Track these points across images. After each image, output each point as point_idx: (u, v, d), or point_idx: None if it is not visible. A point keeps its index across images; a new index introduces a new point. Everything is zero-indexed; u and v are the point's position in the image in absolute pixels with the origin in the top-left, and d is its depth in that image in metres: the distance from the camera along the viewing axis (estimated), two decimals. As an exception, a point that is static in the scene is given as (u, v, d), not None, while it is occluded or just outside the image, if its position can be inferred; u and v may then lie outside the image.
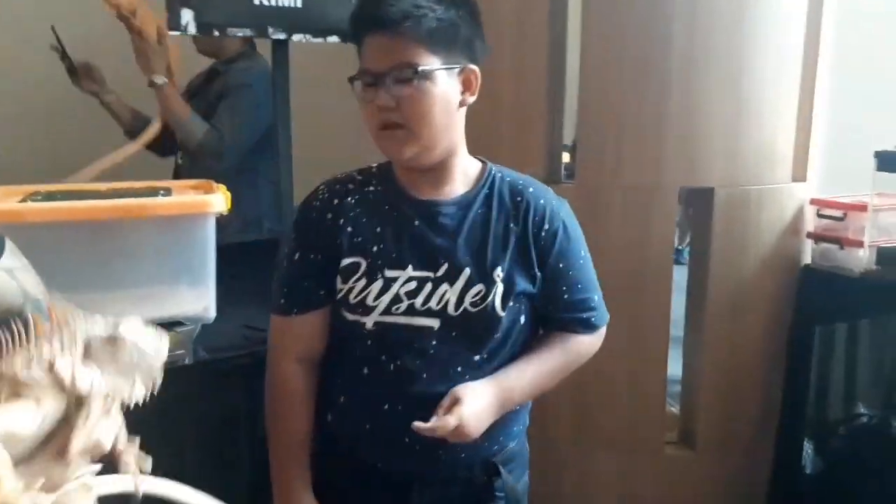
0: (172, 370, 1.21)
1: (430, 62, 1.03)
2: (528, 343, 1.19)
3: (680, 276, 1.94)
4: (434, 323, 1.10)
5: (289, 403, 1.17)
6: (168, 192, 1.46)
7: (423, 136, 1.05)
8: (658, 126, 1.82)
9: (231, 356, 1.31)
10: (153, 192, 1.44)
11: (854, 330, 2.21)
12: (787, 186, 1.98)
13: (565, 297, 1.18)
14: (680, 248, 3.44)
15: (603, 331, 1.28)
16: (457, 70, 1.07)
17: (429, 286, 1.10)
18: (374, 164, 1.19)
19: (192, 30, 1.27)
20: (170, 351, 1.28)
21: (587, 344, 1.26)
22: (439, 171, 1.12)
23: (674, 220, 1.89)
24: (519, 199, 1.15)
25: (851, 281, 1.94)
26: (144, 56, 1.91)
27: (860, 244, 1.93)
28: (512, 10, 1.98)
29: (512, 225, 1.13)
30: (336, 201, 1.15)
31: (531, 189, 1.17)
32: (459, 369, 1.11)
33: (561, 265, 1.16)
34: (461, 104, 1.10)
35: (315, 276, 1.14)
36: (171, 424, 1.23)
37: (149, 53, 1.90)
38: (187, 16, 1.26)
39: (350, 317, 1.12)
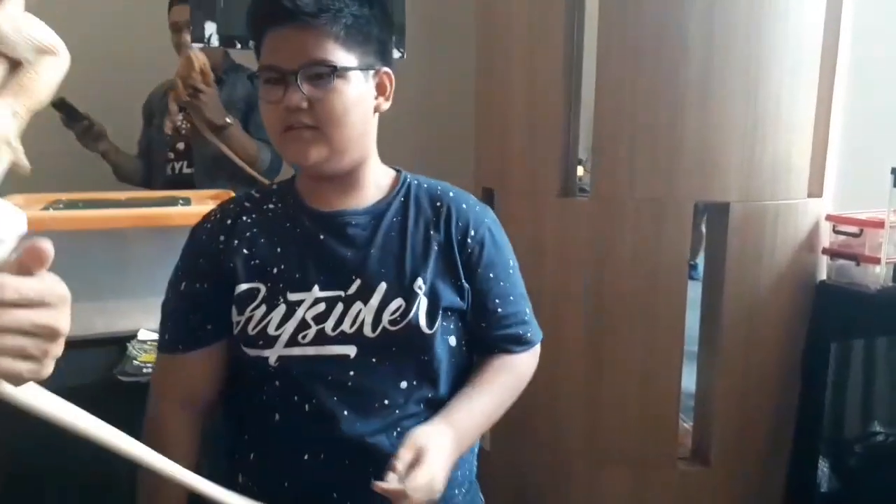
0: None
1: (346, 61, 0.93)
2: (462, 371, 1.04)
3: (693, 291, 1.94)
4: (349, 350, 0.96)
5: (165, 448, 0.95)
6: (188, 201, 1.48)
7: (335, 139, 0.95)
8: (673, 140, 1.82)
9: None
10: (173, 202, 1.46)
11: (870, 347, 2.20)
12: (803, 202, 1.97)
13: (498, 310, 1.05)
14: (693, 262, 3.43)
15: (538, 349, 1.13)
16: (371, 72, 0.98)
17: (339, 307, 0.96)
18: (275, 183, 1.10)
19: (214, 42, 1.29)
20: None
21: (526, 364, 1.11)
22: (348, 179, 1.01)
23: (689, 234, 1.88)
24: (439, 204, 1.04)
25: (868, 297, 1.92)
26: (208, 105, 1.91)
27: (877, 261, 1.92)
28: (527, 24, 2.00)
29: (433, 232, 1.02)
30: (229, 222, 1.02)
31: (451, 194, 1.07)
32: (386, 402, 0.97)
33: (491, 275, 1.04)
34: (376, 109, 1.01)
35: (203, 307, 1.00)
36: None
37: (212, 102, 1.91)
38: (210, 28, 1.29)
39: (251, 353, 0.97)
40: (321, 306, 0.96)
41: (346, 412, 0.95)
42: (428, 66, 2.44)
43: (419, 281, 0.98)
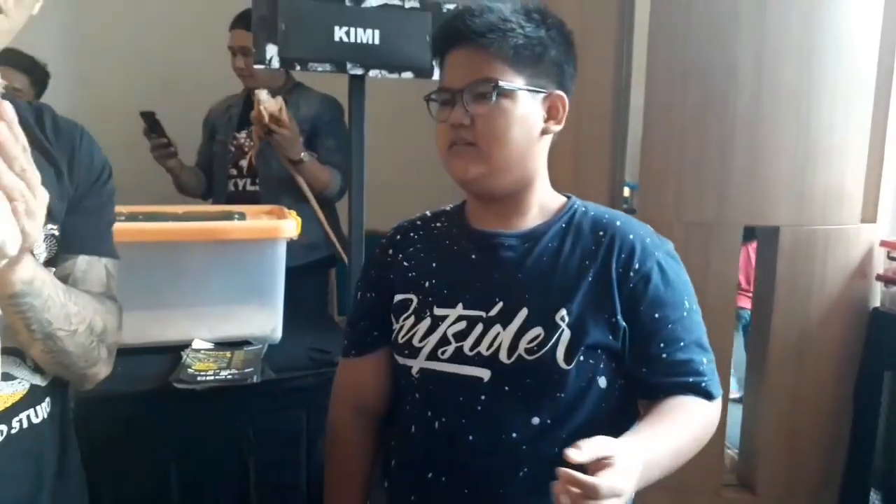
0: (242, 387, 1.27)
1: (512, 80, 0.93)
2: (615, 419, 0.95)
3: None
4: (483, 373, 0.93)
5: (341, 450, 1.08)
6: (242, 216, 1.52)
7: (494, 156, 0.93)
8: (722, 164, 1.81)
9: (296, 376, 1.34)
10: (229, 216, 1.50)
11: (926, 377, 2.13)
12: (856, 227, 1.93)
13: (663, 355, 0.94)
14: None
15: (719, 404, 0.98)
16: (542, 94, 0.96)
17: (479, 328, 0.94)
18: (451, 205, 1.10)
19: (275, 64, 1.34)
20: (239, 369, 1.33)
21: (709, 415, 0.96)
22: (511, 202, 0.99)
23: (737, 257, 1.86)
24: (602, 232, 0.97)
25: (924, 326, 1.87)
26: (283, 144, 2.00)
27: (933, 289, 1.87)
28: (576, 45, 2.01)
29: (588, 262, 0.95)
30: (399, 237, 1.08)
31: (618, 223, 0.99)
32: (514, 435, 0.92)
33: (657, 315, 0.94)
34: (544, 132, 0.98)
35: (370, 315, 1.06)
36: (235, 440, 1.28)
37: (287, 140, 1.99)
38: (272, 51, 1.33)
39: (400, 361, 1.01)
40: (462, 324, 0.95)
41: (471, 437, 0.93)
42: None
43: (562, 312, 0.93)
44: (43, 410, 0.87)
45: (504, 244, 0.98)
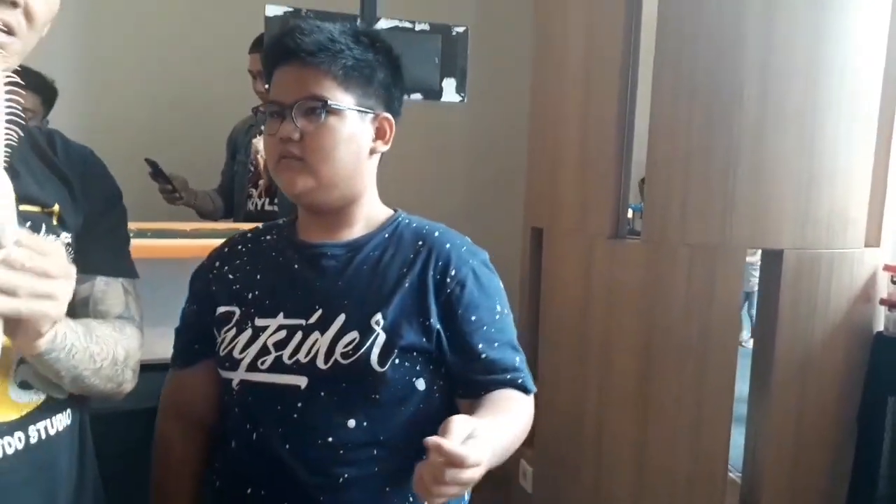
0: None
1: (341, 100, 0.96)
2: (433, 420, 0.90)
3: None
4: (300, 381, 0.95)
5: (163, 465, 1.07)
6: (250, 234, 1.53)
7: (321, 172, 0.97)
8: (726, 186, 1.82)
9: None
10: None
11: (930, 402, 2.12)
12: (860, 251, 1.94)
13: (482, 356, 0.99)
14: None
15: (531, 401, 1.03)
16: (370, 115, 1.00)
17: (298, 335, 0.96)
18: (283, 219, 1.13)
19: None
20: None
21: (528, 410, 1.01)
22: (337, 215, 1.03)
23: (741, 280, 1.87)
24: (421, 242, 1.02)
25: (927, 351, 1.87)
26: None
27: (937, 314, 1.87)
28: (581, 66, 2.04)
29: (406, 270, 0.99)
30: (227, 250, 1.10)
31: (436, 234, 1.04)
32: (331, 440, 0.94)
33: (473, 318, 0.99)
34: (372, 151, 1.02)
35: (192, 327, 1.08)
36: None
37: None
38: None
39: (222, 374, 1.02)
40: (282, 333, 0.97)
41: (287, 446, 0.95)
42: (481, 106, 2.49)
43: (378, 316, 0.96)
44: (60, 422, 0.88)
45: (327, 254, 1.01)
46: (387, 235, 1.04)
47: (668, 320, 1.87)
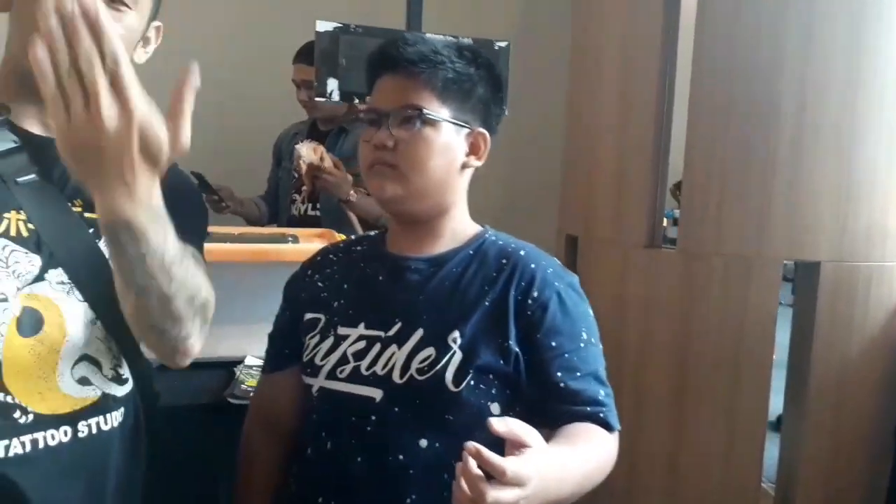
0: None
1: (438, 111, 0.97)
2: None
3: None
4: (376, 393, 0.94)
5: (247, 465, 1.09)
6: (296, 239, 1.58)
7: (412, 181, 0.96)
8: (763, 197, 1.83)
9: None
10: (283, 239, 1.57)
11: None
12: (898, 265, 1.93)
13: (561, 384, 0.93)
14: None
15: (616, 437, 0.96)
16: (466, 130, 1.00)
17: (377, 347, 0.96)
18: (378, 230, 1.13)
19: (335, 97, 1.41)
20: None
21: (611, 445, 0.95)
22: (425, 228, 1.02)
23: (777, 292, 1.87)
24: (505, 261, 0.99)
25: (967, 366, 1.85)
26: (333, 187, 2.07)
27: (978, 329, 1.85)
28: (618, 78, 2.06)
29: (487, 288, 0.97)
30: (319, 258, 1.11)
31: (523, 252, 1.01)
32: (401, 458, 0.92)
33: (553, 343, 0.95)
34: (464, 166, 1.01)
35: (284, 333, 1.09)
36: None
37: (333, 183, 2.07)
38: (332, 84, 1.40)
39: (305, 380, 1.02)
40: (362, 343, 0.97)
41: (359, 459, 0.93)
42: (518, 115, 2.52)
43: (455, 334, 0.94)
44: (114, 419, 0.89)
45: (411, 267, 1.00)
46: (471, 252, 1.02)
47: (703, 331, 1.88)
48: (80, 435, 0.85)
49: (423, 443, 0.92)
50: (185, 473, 1.28)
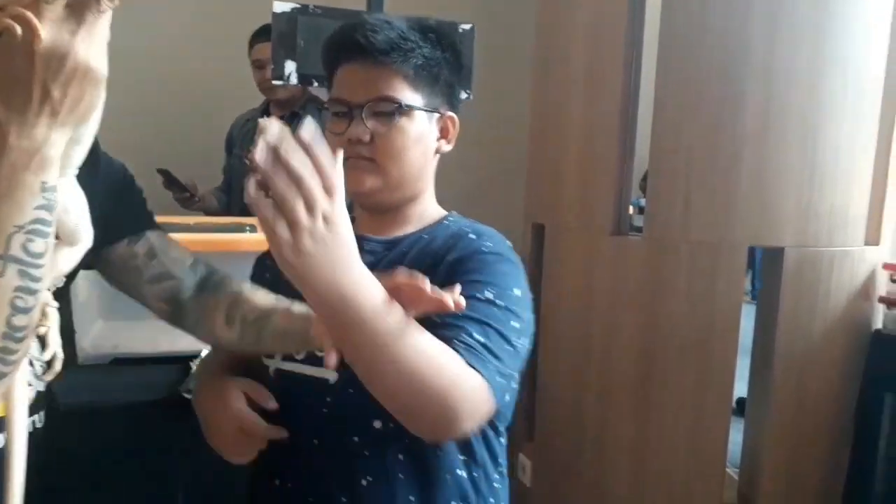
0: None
1: (411, 100, 0.94)
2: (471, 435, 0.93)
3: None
4: (331, 375, 0.92)
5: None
6: (253, 228, 1.53)
7: (391, 174, 0.95)
8: (728, 184, 1.83)
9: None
10: (240, 228, 1.52)
11: (927, 400, 2.14)
12: (860, 249, 1.95)
13: (447, 318, 0.83)
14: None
15: (485, 389, 0.79)
16: (437, 115, 0.99)
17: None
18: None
19: (293, 80, 1.36)
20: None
21: (474, 380, 0.79)
22: (393, 213, 1.01)
23: (743, 278, 1.88)
24: (453, 240, 0.97)
25: (925, 349, 1.89)
26: None
27: (935, 312, 1.89)
28: (584, 64, 2.04)
29: (433, 267, 0.93)
30: None
31: (473, 235, 0.98)
32: (356, 439, 0.91)
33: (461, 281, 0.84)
34: (436, 150, 1.01)
35: None
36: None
37: None
38: (290, 67, 1.35)
39: (264, 362, 1.00)
40: None
41: (315, 441, 0.93)
42: (481, 102, 2.49)
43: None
44: (39, 420, 0.84)
45: (365, 248, 0.96)
46: (426, 235, 1.00)
47: (670, 317, 1.88)
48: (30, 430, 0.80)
49: (377, 424, 0.91)
50: (141, 468, 1.24)
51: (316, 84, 1.40)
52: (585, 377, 2.02)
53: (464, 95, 1.53)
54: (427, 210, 1.04)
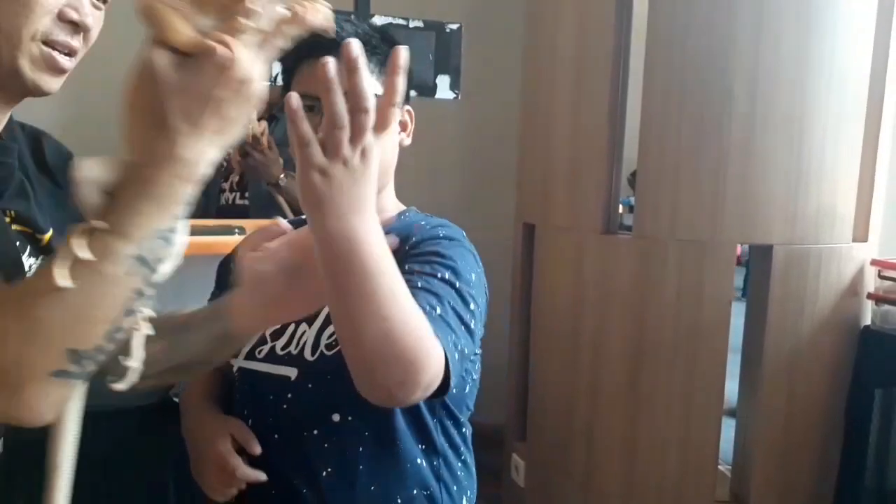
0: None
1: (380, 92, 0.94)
2: (428, 420, 0.95)
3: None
4: (291, 372, 0.95)
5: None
6: (242, 230, 1.53)
7: None
8: (716, 183, 1.84)
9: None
10: (229, 231, 1.52)
11: (916, 395, 2.16)
12: (848, 246, 1.96)
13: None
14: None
15: (441, 361, 0.76)
16: (399, 109, 0.96)
17: (292, 327, 0.96)
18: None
19: (280, 81, 1.35)
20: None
21: (437, 347, 0.77)
22: None
23: (732, 276, 1.89)
24: (408, 233, 0.96)
25: (914, 344, 1.90)
26: (262, 167, 2.01)
27: (923, 308, 1.90)
28: (571, 64, 2.05)
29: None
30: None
31: (424, 223, 0.99)
32: (315, 432, 0.93)
33: (416, 258, 0.89)
34: (399, 144, 1.02)
35: None
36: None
37: (264, 164, 2.00)
38: (277, 68, 1.35)
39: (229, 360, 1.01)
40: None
41: (276, 436, 0.95)
42: (472, 102, 2.50)
43: None
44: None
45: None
46: (385, 229, 0.99)
47: (659, 315, 1.89)
48: None
49: (336, 417, 0.93)
50: (133, 473, 1.24)
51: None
52: (576, 376, 2.03)
53: (451, 95, 1.54)
54: (387, 205, 1.04)
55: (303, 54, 0.98)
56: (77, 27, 0.74)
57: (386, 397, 0.81)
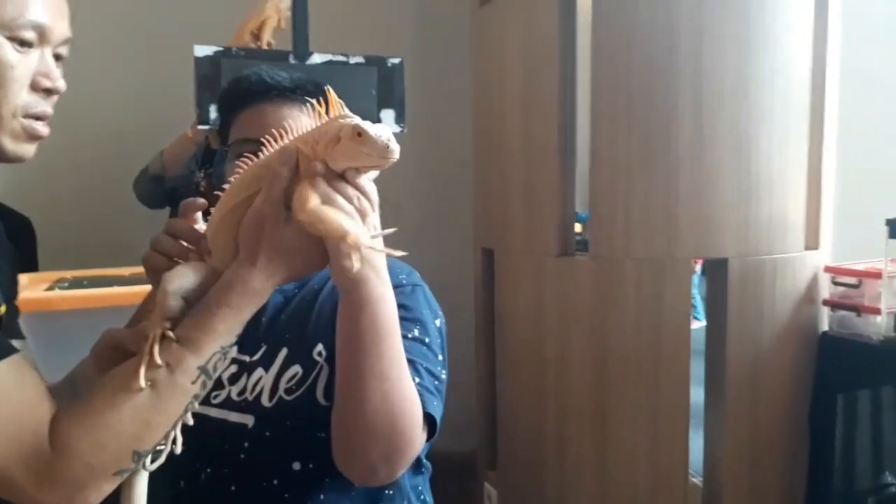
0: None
1: None
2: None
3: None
4: (248, 420, 0.91)
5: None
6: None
7: None
8: (668, 199, 1.85)
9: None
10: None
11: (877, 397, 2.19)
12: (801, 255, 1.99)
13: None
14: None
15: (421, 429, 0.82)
16: None
17: (246, 373, 0.93)
18: None
19: (218, 124, 1.33)
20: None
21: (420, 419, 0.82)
22: None
23: (689, 290, 1.90)
24: None
25: (871, 348, 1.93)
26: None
27: (877, 311, 1.93)
28: (521, 89, 2.06)
29: None
30: None
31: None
32: (276, 482, 0.90)
33: None
34: None
35: None
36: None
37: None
38: (215, 111, 1.32)
39: None
40: (234, 368, 0.93)
41: (233, 488, 0.91)
42: (424, 133, 2.48)
43: (319, 346, 0.91)
44: None
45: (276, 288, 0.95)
46: None
47: (620, 334, 1.89)
48: None
49: (297, 465, 0.90)
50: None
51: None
52: (542, 400, 2.02)
53: (398, 128, 1.53)
54: None
55: (237, 103, 0.98)
56: (50, 92, 0.74)
57: (368, 473, 0.83)
